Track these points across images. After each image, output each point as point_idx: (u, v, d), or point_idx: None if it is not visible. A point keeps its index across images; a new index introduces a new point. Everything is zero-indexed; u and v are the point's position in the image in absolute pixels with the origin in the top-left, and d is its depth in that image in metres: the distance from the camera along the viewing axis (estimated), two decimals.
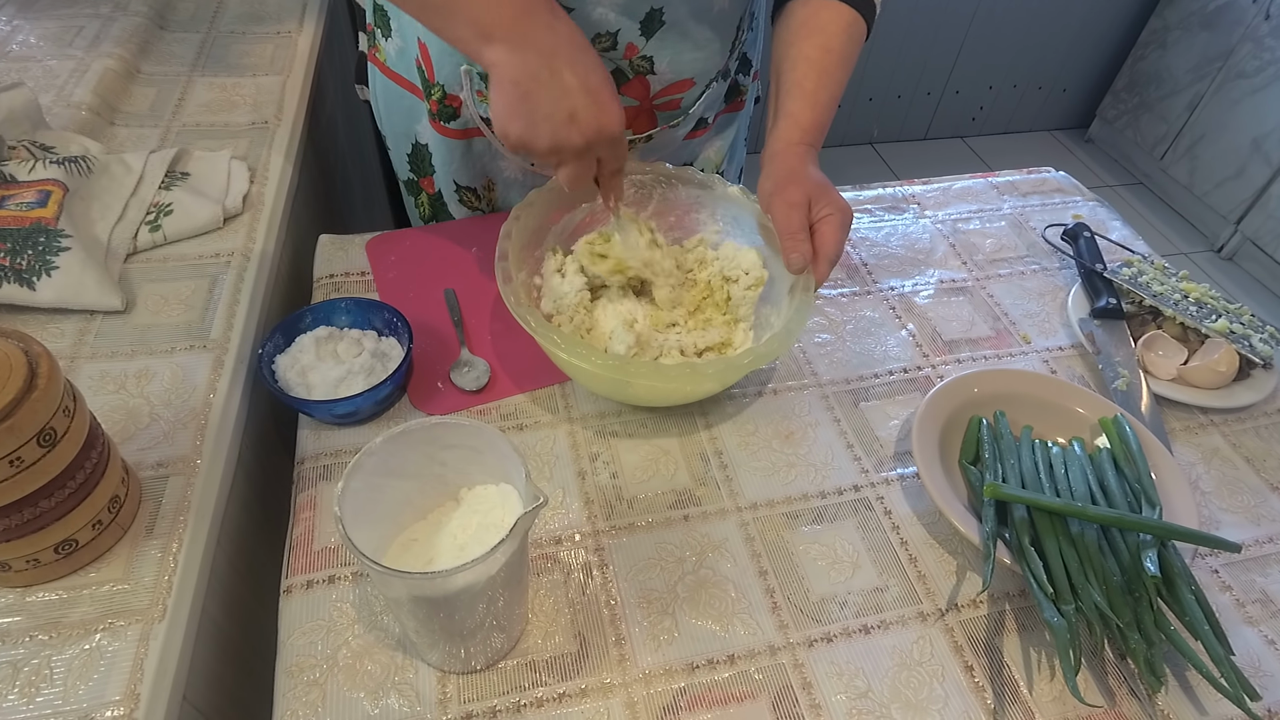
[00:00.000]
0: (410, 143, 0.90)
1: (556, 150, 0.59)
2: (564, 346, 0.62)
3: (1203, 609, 0.55)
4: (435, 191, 0.92)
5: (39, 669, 0.48)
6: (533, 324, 0.63)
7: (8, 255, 0.67)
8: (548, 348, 0.64)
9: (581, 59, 0.58)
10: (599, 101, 0.58)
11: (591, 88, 0.58)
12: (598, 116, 0.58)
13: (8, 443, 0.44)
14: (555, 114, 0.57)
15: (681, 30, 0.75)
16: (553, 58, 0.57)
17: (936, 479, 0.63)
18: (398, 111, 0.88)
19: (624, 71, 0.77)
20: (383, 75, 0.88)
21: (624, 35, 0.73)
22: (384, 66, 0.87)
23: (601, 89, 0.58)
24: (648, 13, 0.73)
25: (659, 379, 0.65)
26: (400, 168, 0.94)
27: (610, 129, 0.59)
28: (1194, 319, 0.80)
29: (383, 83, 0.88)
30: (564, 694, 0.54)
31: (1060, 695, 0.56)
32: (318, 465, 0.66)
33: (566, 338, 0.63)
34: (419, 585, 0.45)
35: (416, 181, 0.93)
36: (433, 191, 0.92)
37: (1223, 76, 2.45)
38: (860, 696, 0.55)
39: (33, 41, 0.98)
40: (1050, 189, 1.07)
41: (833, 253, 0.67)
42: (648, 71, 0.77)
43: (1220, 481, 0.72)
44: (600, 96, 0.58)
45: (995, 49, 2.74)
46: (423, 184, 0.92)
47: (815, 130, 0.72)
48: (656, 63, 0.77)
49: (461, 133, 0.85)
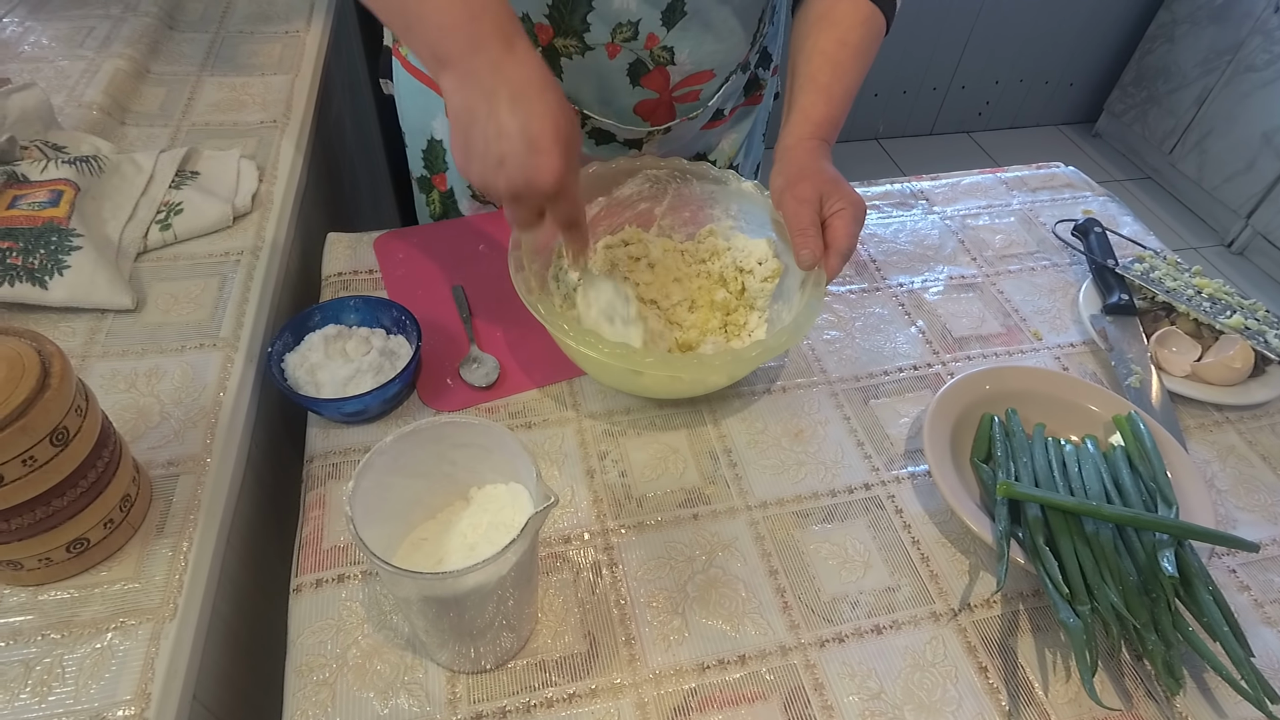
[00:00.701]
0: (426, 139, 0.90)
1: (486, 191, 0.56)
2: (574, 336, 0.62)
3: (1221, 610, 0.55)
4: (447, 189, 0.92)
5: (51, 668, 0.48)
6: (543, 312, 0.63)
7: (20, 254, 0.67)
8: (558, 336, 0.64)
9: (526, 104, 0.53)
10: (534, 151, 0.53)
11: (530, 135, 0.53)
12: (527, 167, 0.53)
13: (21, 442, 0.44)
14: (486, 156, 0.54)
15: (703, 21, 0.75)
16: (492, 97, 0.53)
17: (948, 477, 0.63)
18: (417, 107, 0.89)
19: (644, 62, 0.77)
20: (405, 70, 0.88)
21: (645, 25, 0.73)
22: (406, 61, 0.88)
23: (540, 138, 0.53)
24: (670, 2, 0.72)
25: (667, 369, 0.65)
26: (415, 163, 0.94)
27: (540, 182, 0.54)
28: (1208, 315, 0.79)
29: (405, 78, 0.89)
30: (574, 694, 0.53)
31: (1076, 697, 0.55)
32: (327, 463, 0.66)
33: (576, 327, 0.63)
34: (429, 585, 0.45)
35: (429, 178, 0.93)
36: (444, 189, 0.92)
37: (1232, 70, 2.43)
38: (873, 698, 0.54)
39: (44, 42, 0.98)
40: (1060, 184, 1.06)
41: (844, 247, 0.66)
42: (668, 62, 0.77)
43: (1236, 479, 0.71)
44: (537, 145, 0.53)
45: (1001, 43, 2.72)
46: (435, 181, 0.92)
47: (828, 125, 0.72)
48: (677, 53, 0.76)
49: None
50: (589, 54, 0.76)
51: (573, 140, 0.55)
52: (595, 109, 0.81)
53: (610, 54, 0.76)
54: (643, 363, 0.63)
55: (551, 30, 0.75)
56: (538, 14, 0.74)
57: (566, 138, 0.54)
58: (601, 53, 0.76)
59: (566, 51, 0.76)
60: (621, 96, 0.81)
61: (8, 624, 0.50)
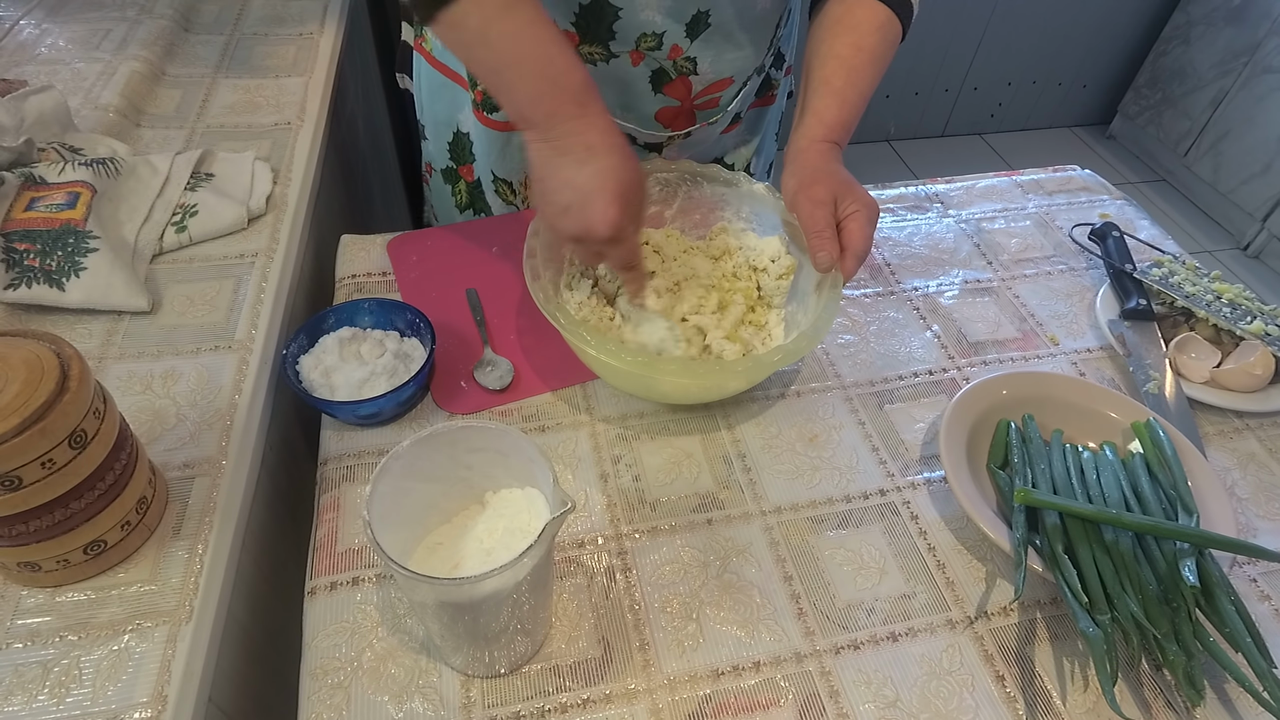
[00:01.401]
0: (452, 131, 0.91)
1: (553, 231, 0.66)
2: (592, 343, 0.62)
3: (1243, 620, 0.54)
4: (474, 180, 0.93)
5: (68, 669, 0.49)
6: (561, 320, 0.63)
7: (38, 256, 0.67)
8: (575, 344, 0.64)
9: (593, 162, 0.60)
10: (589, 205, 0.60)
11: (590, 190, 0.60)
12: (587, 217, 0.60)
13: (40, 445, 0.44)
14: (555, 202, 0.62)
15: (725, 32, 0.76)
16: (565, 154, 0.61)
17: (965, 484, 0.62)
18: (441, 100, 0.90)
19: (667, 72, 0.78)
20: (427, 65, 0.89)
21: (669, 37, 0.74)
22: (429, 56, 0.88)
23: (600, 192, 0.60)
24: (694, 15, 0.74)
25: (686, 376, 0.65)
26: (440, 156, 0.95)
27: (595, 232, 0.60)
28: (1228, 321, 0.79)
29: (427, 72, 0.90)
30: (588, 699, 0.53)
31: (1095, 707, 0.54)
32: (341, 466, 0.66)
33: (595, 334, 0.63)
34: (446, 591, 0.45)
35: (455, 169, 0.94)
36: (471, 180, 0.93)
37: (1249, 72, 2.41)
38: (889, 706, 0.54)
39: (61, 45, 0.99)
40: (1076, 187, 1.06)
41: (860, 249, 0.66)
42: (690, 72, 0.78)
43: (1257, 487, 0.70)
44: (592, 200, 0.60)
45: (1014, 45, 2.71)
46: (461, 172, 0.93)
47: (840, 128, 0.72)
48: (699, 63, 0.77)
49: (503, 125, 0.86)
50: (613, 61, 0.77)
51: (631, 194, 0.61)
52: (616, 114, 0.82)
53: (634, 61, 0.77)
54: (666, 369, 0.63)
55: (577, 37, 0.75)
56: (564, 21, 0.74)
57: (624, 192, 0.60)
58: (625, 60, 0.76)
59: (591, 58, 0.77)
60: (643, 103, 0.81)
61: (26, 625, 0.50)
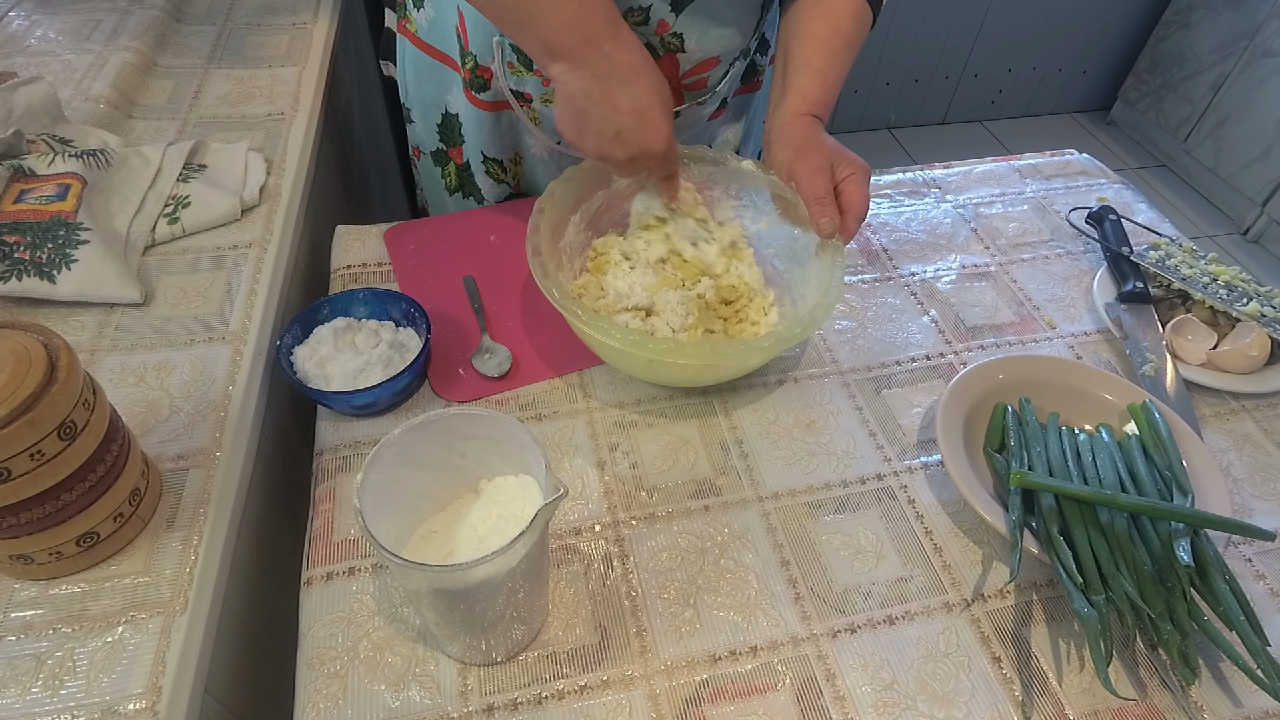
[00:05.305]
0: (440, 113, 0.91)
1: (601, 159, 0.67)
2: (587, 321, 0.62)
3: (1238, 599, 0.54)
4: (464, 162, 0.92)
5: (62, 661, 0.49)
6: (558, 297, 0.63)
7: (28, 248, 0.67)
8: (573, 322, 0.64)
9: (636, 82, 0.63)
10: (647, 121, 0.63)
11: (641, 109, 0.63)
12: (642, 135, 0.64)
13: (28, 436, 0.44)
14: (604, 130, 0.64)
15: (710, 9, 0.76)
16: (606, 80, 0.62)
17: (961, 467, 0.62)
18: (429, 82, 0.89)
19: (654, 48, 0.78)
20: (413, 46, 0.88)
21: (655, 11, 0.74)
22: (414, 37, 0.88)
23: (651, 109, 0.63)
24: None
25: (681, 356, 0.64)
26: (429, 139, 0.94)
27: (654, 146, 0.64)
28: (1224, 302, 0.78)
29: (413, 54, 0.89)
30: (585, 686, 0.53)
31: (1090, 687, 0.55)
32: (337, 457, 0.66)
33: (590, 313, 0.63)
34: (439, 578, 0.44)
35: (445, 151, 0.93)
36: (461, 161, 0.93)
37: (1249, 56, 2.39)
38: (886, 688, 0.54)
39: (51, 36, 0.98)
40: (1074, 171, 1.05)
41: (860, 209, 0.68)
42: (678, 49, 0.78)
43: (1252, 468, 0.70)
44: (649, 116, 0.63)
45: (1014, 31, 2.69)
46: (451, 154, 0.93)
47: (823, 105, 0.73)
48: (686, 40, 0.77)
49: (492, 105, 0.86)
50: None
51: (671, 109, 0.66)
52: None
53: None
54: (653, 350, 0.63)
55: None
56: None
57: (669, 108, 0.65)
58: None
59: None
60: None
61: (19, 618, 0.50)
